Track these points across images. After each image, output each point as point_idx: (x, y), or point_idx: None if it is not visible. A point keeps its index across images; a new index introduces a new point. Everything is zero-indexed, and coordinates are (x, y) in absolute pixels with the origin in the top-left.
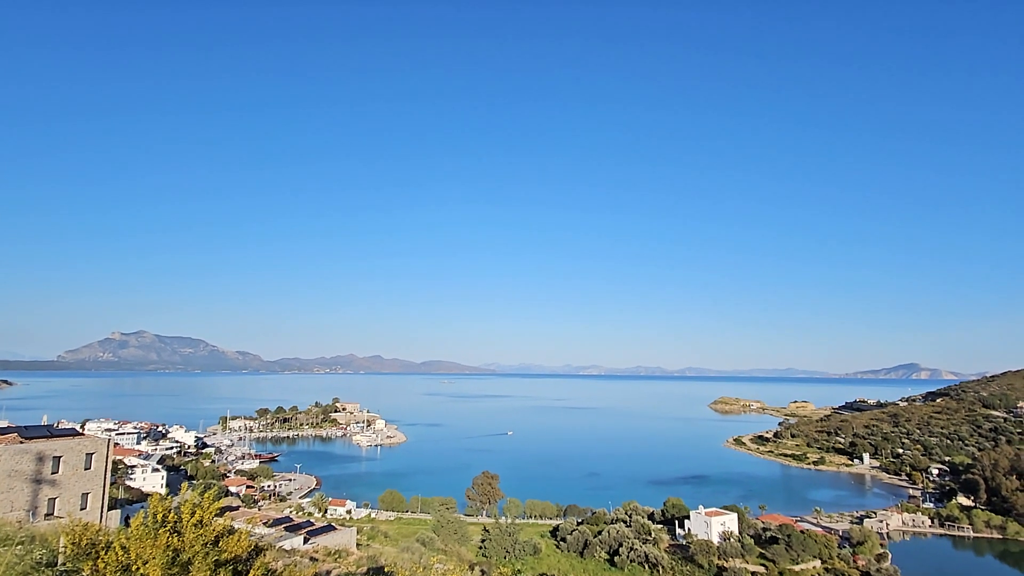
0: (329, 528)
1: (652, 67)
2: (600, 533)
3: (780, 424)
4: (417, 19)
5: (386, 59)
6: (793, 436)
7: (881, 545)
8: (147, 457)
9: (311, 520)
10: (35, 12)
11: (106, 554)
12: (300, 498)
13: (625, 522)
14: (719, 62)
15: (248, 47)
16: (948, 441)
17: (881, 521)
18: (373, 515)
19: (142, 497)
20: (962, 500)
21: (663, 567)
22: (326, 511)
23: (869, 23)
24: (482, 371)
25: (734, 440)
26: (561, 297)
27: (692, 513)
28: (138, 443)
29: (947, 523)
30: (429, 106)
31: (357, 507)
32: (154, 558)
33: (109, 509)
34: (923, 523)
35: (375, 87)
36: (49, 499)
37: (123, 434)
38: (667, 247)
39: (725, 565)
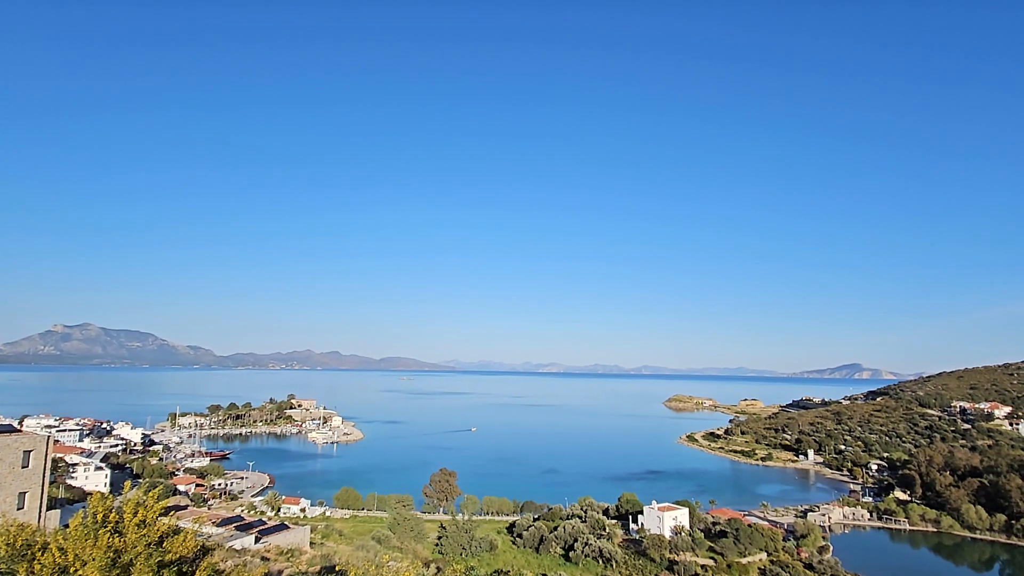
0: (282, 527)
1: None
2: (556, 529)
3: (731, 421)
4: (404, 22)
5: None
6: (743, 433)
7: (823, 538)
8: (90, 455)
9: (263, 519)
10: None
11: (42, 555)
12: (252, 497)
13: (580, 518)
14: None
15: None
16: (887, 438)
17: (823, 515)
18: (328, 513)
19: (84, 496)
20: (899, 495)
21: (616, 561)
22: (279, 510)
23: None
24: (442, 368)
25: (687, 437)
26: (521, 295)
27: (645, 508)
28: (80, 440)
29: (885, 516)
30: (398, 108)
31: (312, 505)
32: (93, 559)
33: (48, 509)
34: (863, 516)
35: (347, 91)
36: None
37: (64, 431)
38: (626, 248)
39: (676, 558)
